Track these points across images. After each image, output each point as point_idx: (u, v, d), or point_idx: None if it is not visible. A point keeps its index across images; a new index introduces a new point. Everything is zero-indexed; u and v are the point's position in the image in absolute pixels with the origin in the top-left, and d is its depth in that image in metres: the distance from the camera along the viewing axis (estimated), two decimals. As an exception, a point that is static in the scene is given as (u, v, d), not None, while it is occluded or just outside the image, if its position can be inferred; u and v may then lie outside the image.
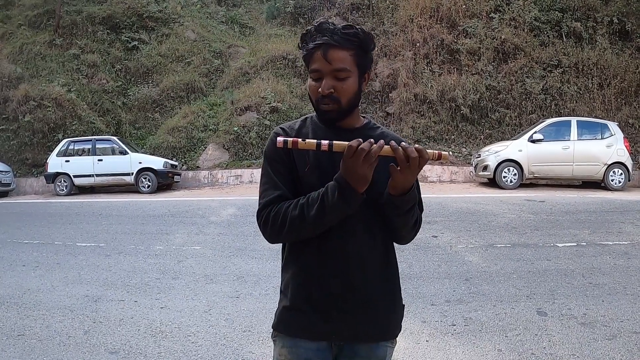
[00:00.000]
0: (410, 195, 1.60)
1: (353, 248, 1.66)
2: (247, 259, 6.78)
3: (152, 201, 13.05)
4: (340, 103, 1.65)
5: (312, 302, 1.67)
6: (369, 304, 1.68)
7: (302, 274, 1.70)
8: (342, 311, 1.66)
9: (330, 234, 1.63)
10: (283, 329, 1.73)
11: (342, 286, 1.66)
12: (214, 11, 24.74)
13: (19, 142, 18.66)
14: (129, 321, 4.78)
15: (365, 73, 1.70)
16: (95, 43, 21.70)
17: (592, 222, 8.68)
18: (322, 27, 1.63)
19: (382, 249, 1.73)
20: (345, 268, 1.66)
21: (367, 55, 1.69)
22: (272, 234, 1.65)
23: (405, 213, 1.64)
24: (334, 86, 1.63)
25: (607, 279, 5.70)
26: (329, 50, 1.61)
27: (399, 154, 1.49)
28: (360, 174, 1.48)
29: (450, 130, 17.25)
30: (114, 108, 20.14)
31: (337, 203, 1.53)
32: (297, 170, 1.68)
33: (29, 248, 8.00)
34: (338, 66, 1.61)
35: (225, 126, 18.07)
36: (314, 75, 1.66)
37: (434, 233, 7.99)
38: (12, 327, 4.70)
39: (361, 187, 1.51)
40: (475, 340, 4.16)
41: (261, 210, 1.67)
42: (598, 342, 4.06)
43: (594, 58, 17.64)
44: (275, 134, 1.71)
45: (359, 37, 1.63)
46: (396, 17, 20.10)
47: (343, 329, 1.67)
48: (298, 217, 1.58)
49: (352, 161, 1.46)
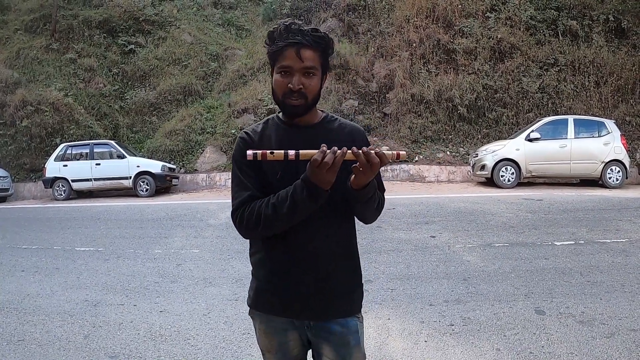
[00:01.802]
0: (370, 187, 1.74)
1: (318, 246, 1.82)
2: (245, 262, 6.72)
3: (151, 205, 13.05)
4: (307, 98, 1.78)
5: (279, 286, 1.84)
6: (333, 285, 1.85)
7: (269, 261, 1.86)
8: (308, 294, 1.82)
9: (295, 233, 1.79)
10: (259, 308, 1.92)
11: (306, 271, 1.81)
12: (210, 14, 24.76)
13: (17, 147, 18.67)
14: (128, 325, 4.78)
15: (325, 74, 1.86)
16: (92, 47, 21.74)
17: (590, 220, 8.69)
18: (292, 28, 1.76)
19: (345, 238, 1.90)
20: (308, 254, 1.81)
21: (328, 58, 1.84)
22: (248, 231, 1.79)
23: (367, 201, 1.78)
24: (303, 83, 1.76)
25: (605, 276, 5.72)
26: (301, 49, 1.74)
27: (361, 159, 1.61)
28: (325, 180, 1.63)
29: (447, 130, 17.29)
30: (111, 112, 20.16)
31: (305, 200, 1.67)
32: (268, 176, 1.81)
33: (27, 253, 8.00)
34: (308, 64, 1.75)
35: (223, 129, 18.09)
36: (283, 71, 1.77)
37: (432, 233, 8.00)
38: (12, 332, 4.71)
39: (326, 187, 1.65)
40: (473, 340, 4.17)
41: (235, 211, 1.80)
42: (596, 340, 4.07)
43: (590, 56, 17.70)
44: (241, 139, 1.88)
45: (325, 40, 1.79)
46: (392, 17, 20.11)
47: (310, 309, 1.84)
48: (271, 215, 1.71)
49: (318, 170, 1.60)
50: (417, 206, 10.40)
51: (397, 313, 4.82)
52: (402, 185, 14.62)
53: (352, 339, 1.86)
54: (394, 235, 7.94)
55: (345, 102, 18.05)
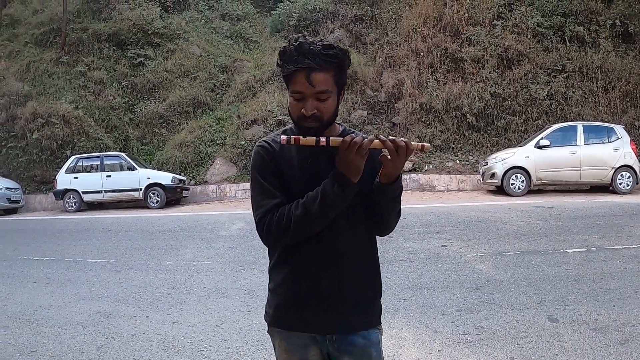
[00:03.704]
0: (398, 183, 1.78)
1: (341, 247, 1.81)
2: (257, 273, 6.77)
3: (161, 216, 13.10)
4: (322, 121, 1.74)
5: (305, 301, 1.82)
6: (358, 298, 1.84)
7: (295, 274, 1.83)
8: (333, 307, 1.81)
9: (320, 236, 1.77)
10: (280, 325, 1.90)
11: (332, 284, 1.80)
12: (218, 26, 24.89)
13: (28, 159, 18.80)
14: (141, 337, 4.80)
15: (342, 89, 1.81)
16: (101, 60, 21.89)
17: (602, 227, 8.65)
18: (302, 48, 1.68)
19: (366, 242, 1.90)
20: (335, 267, 1.80)
21: (344, 73, 1.78)
22: (278, 237, 1.75)
23: (394, 199, 1.81)
24: (317, 107, 1.72)
25: (618, 283, 5.68)
26: (311, 73, 1.68)
27: (388, 144, 1.65)
28: (354, 164, 1.64)
29: (456, 139, 17.25)
30: (121, 124, 20.27)
31: (337, 194, 1.67)
32: (285, 179, 1.80)
33: (39, 265, 8.05)
34: (321, 89, 1.70)
35: (232, 140, 18.13)
36: (296, 96, 1.73)
37: (443, 242, 7.99)
38: (24, 343, 4.74)
39: (355, 177, 1.67)
40: (487, 349, 4.15)
41: (261, 219, 1.77)
42: (610, 347, 4.04)
43: (597, 61, 17.62)
44: (262, 147, 1.85)
45: (338, 58, 1.71)
46: (400, 27, 20.15)
47: (335, 323, 1.82)
48: (302, 215, 1.70)
49: (347, 153, 1.63)
50: (428, 216, 10.38)
51: (410, 323, 4.81)
52: (413, 195, 14.60)
53: (374, 351, 1.86)
54: (406, 245, 7.93)
55: (354, 113, 18.07)
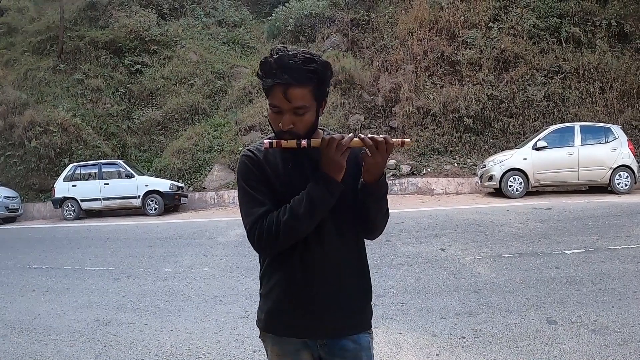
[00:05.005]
0: (382, 181, 1.78)
1: (329, 252, 1.82)
2: (255, 279, 6.70)
3: (160, 223, 13.10)
4: (299, 135, 1.74)
5: (295, 306, 1.82)
6: (348, 302, 1.85)
7: (285, 280, 1.84)
8: (324, 312, 1.82)
9: (308, 241, 1.79)
10: (271, 330, 1.89)
11: (322, 289, 1.81)
12: (215, 32, 24.91)
13: (26, 168, 18.83)
14: (139, 344, 4.79)
15: (323, 101, 1.81)
16: (98, 67, 21.92)
17: (600, 227, 8.65)
18: (282, 61, 1.68)
19: (354, 247, 1.91)
20: (324, 272, 1.82)
21: (324, 87, 1.78)
22: (268, 244, 1.74)
23: (380, 199, 1.81)
24: (293, 121, 1.74)
25: (617, 284, 5.68)
26: (289, 89, 1.68)
27: (367, 141, 1.67)
28: (336, 161, 1.67)
29: (454, 142, 17.27)
30: (119, 132, 20.27)
31: (322, 193, 1.70)
32: (272, 186, 1.81)
33: (38, 273, 8.04)
34: (298, 104, 1.71)
35: (230, 146, 18.14)
36: (274, 109, 1.75)
37: (441, 246, 7.98)
38: (23, 352, 4.73)
39: (337, 174, 1.70)
40: (485, 352, 4.14)
41: (252, 227, 1.77)
42: (609, 349, 4.04)
43: (594, 62, 17.67)
44: (246, 157, 1.86)
45: (318, 73, 1.71)
46: (396, 31, 20.19)
47: (325, 327, 1.83)
48: (290, 219, 1.71)
49: (327, 151, 1.66)
50: (426, 219, 10.38)
51: (408, 327, 4.80)
52: (411, 199, 14.61)
53: (365, 356, 1.86)
54: (404, 249, 7.92)
55: (352, 117, 18.06)
